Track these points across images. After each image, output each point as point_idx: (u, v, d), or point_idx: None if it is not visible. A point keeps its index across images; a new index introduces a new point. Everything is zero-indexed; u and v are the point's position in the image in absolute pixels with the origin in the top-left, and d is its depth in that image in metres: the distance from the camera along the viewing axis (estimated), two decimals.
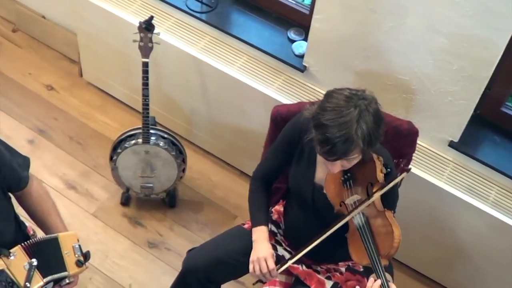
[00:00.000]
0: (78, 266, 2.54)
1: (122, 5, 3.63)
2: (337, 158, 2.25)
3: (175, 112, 3.86)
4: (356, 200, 2.44)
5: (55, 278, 2.46)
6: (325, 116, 2.20)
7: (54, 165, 3.89)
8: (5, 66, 4.40)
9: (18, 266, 2.38)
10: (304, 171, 2.58)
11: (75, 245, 2.57)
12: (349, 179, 2.45)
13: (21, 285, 2.35)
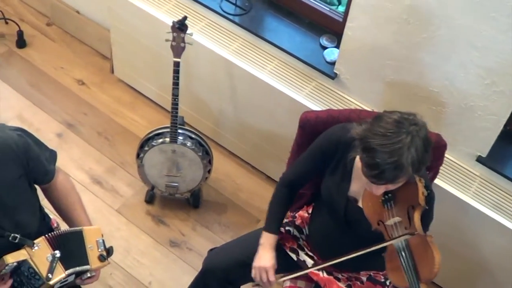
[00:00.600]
0: (101, 261, 2.56)
1: (156, 4, 3.67)
2: (385, 183, 2.24)
3: (204, 112, 3.88)
4: (398, 222, 2.41)
5: (77, 271, 2.49)
6: (376, 140, 2.17)
7: (81, 159, 3.95)
8: (38, 59, 4.47)
9: (41, 257, 2.41)
10: (338, 183, 2.56)
11: (99, 239, 2.59)
12: (390, 199, 2.41)
13: (43, 276, 2.38)
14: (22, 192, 2.49)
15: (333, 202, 2.60)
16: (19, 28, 4.52)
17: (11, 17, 4.64)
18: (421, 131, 2.20)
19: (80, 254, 2.53)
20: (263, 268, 2.63)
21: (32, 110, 4.18)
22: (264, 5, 3.56)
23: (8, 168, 2.38)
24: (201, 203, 3.78)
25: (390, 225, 2.43)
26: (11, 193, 2.41)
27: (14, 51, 4.52)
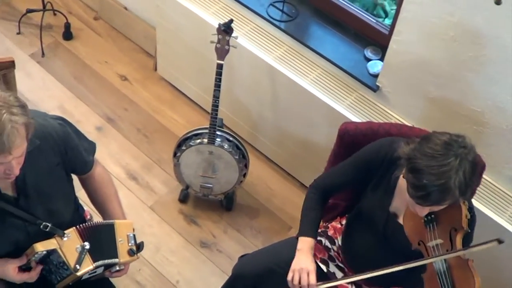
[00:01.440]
0: (130, 255, 2.59)
1: (204, 5, 3.71)
2: (430, 205, 2.24)
3: (243, 116, 3.91)
4: (439, 244, 2.40)
5: (105, 263, 2.52)
6: (423, 161, 2.16)
7: (118, 154, 4.01)
8: (83, 52, 4.55)
9: (71, 248, 2.45)
10: (380, 198, 2.56)
11: (130, 234, 2.62)
12: (433, 221, 2.40)
13: (71, 266, 2.43)
14: (58, 180, 2.54)
15: (373, 215, 2.60)
16: (66, 20, 4.61)
17: (59, 9, 4.72)
18: (469, 154, 2.19)
19: (109, 247, 2.56)
20: (305, 269, 2.56)
21: (74, 102, 4.25)
22: (311, 13, 3.57)
23: (46, 156, 2.43)
24: (234, 206, 3.81)
25: (431, 247, 2.42)
26: (48, 180, 2.47)
27: (61, 42, 4.61)
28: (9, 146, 2.10)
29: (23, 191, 2.41)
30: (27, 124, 2.15)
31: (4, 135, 2.07)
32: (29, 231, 2.47)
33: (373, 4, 3.76)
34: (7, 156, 2.13)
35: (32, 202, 2.45)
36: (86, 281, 2.61)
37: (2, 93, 2.14)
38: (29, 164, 2.30)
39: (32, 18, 4.71)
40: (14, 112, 2.10)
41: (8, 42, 4.58)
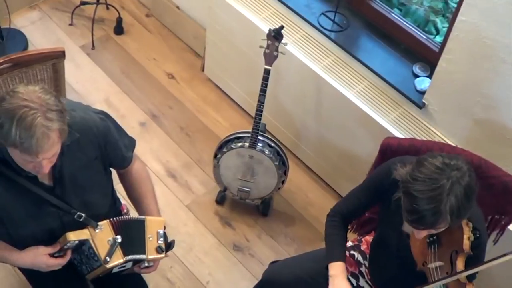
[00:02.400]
0: (158, 252, 2.61)
1: (256, 9, 3.74)
2: (424, 228, 2.23)
3: (286, 123, 3.94)
4: (438, 267, 2.39)
5: (134, 258, 2.55)
6: (415, 186, 2.16)
7: (159, 151, 4.06)
8: (132, 48, 4.62)
9: (102, 240, 2.49)
10: (392, 216, 2.55)
11: (160, 231, 2.64)
12: (434, 242, 2.40)
13: (101, 258, 2.46)
14: (96, 173, 2.58)
15: (386, 235, 2.61)
16: (119, 15, 4.69)
17: (113, 3, 4.81)
18: (463, 177, 2.16)
19: (138, 243, 2.59)
20: None
21: (120, 96, 4.33)
22: (362, 25, 3.58)
23: (86, 149, 2.47)
24: (270, 212, 3.82)
25: (432, 268, 2.41)
26: (85, 173, 2.51)
27: (111, 36, 4.70)
28: (37, 150, 2.12)
29: (59, 181, 2.45)
30: (61, 130, 2.17)
31: (33, 138, 2.09)
32: (63, 220, 2.52)
33: (425, 20, 3.76)
34: (35, 158, 2.16)
35: (67, 192, 2.49)
36: (117, 275, 2.66)
37: (42, 95, 2.15)
38: (67, 155, 2.35)
39: (85, 10, 4.81)
40: (49, 117, 2.11)
41: (60, 33, 4.68)
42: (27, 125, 2.08)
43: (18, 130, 2.08)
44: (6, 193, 2.38)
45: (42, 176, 2.41)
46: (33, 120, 2.08)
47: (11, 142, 2.11)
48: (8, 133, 2.09)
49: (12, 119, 2.08)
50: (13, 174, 2.34)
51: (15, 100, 2.11)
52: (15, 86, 2.19)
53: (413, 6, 3.80)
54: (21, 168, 2.31)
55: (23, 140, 2.08)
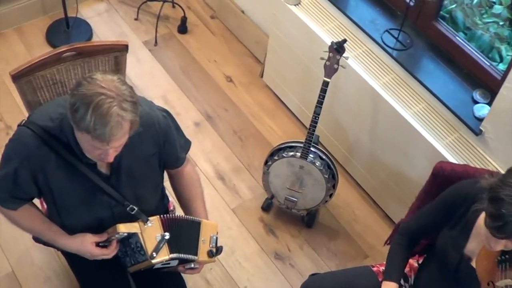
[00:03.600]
0: (209, 256, 2.65)
1: (320, 20, 3.76)
2: (505, 237, 2.21)
3: (339, 137, 3.94)
4: (509, 285, 2.38)
5: (182, 257, 2.58)
6: (505, 191, 2.14)
7: (211, 152, 4.11)
8: (194, 48, 4.69)
9: (151, 235, 2.52)
10: (455, 238, 2.54)
11: (213, 236, 2.68)
12: (506, 261, 2.38)
13: (148, 253, 2.49)
14: (151, 169, 2.63)
15: (446, 256, 2.59)
16: (184, 14, 4.76)
17: (179, 2, 4.88)
18: None
19: (190, 243, 2.62)
20: None
21: (177, 94, 4.39)
22: (425, 46, 3.57)
23: (146, 144, 2.52)
24: (314, 224, 3.83)
25: (500, 287, 2.40)
26: (142, 167, 2.57)
27: (175, 34, 4.77)
28: (109, 138, 2.17)
29: (116, 171, 2.51)
30: (133, 121, 2.21)
31: (108, 126, 2.14)
32: (114, 211, 2.58)
33: (489, 47, 3.73)
34: (105, 145, 2.21)
35: (122, 183, 2.54)
36: (157, 271, 2.70)
37: (119, 85, 2.20)
38: (127, 147, 2.39)
39: (151, 6, 4.89)
40: (124, 107, 2.16)
41: (125, 27, 4.78)
42: (103, 112, 2.12)
43: (93, 116, 2.12)
44: (64, 177, 2.44)
45: (100, 164, 2.47)
46: (109, 108, 2.13)
47: (84, 127, 2.15)
48: (83, 118, 2.13)
49: (88, 105, 2.12)
50: (74, 159, 2.40)
51: (92, 86, 2.16)
52: (92, 73, 2.24)
53: (478, 31, 3.78)
54: (82, 154, 2.37)
55: (97, 126, 2.13)
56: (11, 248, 3.58)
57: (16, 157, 2.42)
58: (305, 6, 3.82)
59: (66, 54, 2.94)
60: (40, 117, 2.44)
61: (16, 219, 2.63)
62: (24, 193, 2.53)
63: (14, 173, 2.43)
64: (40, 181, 2.47)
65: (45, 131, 2.38)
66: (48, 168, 2.43)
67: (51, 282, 3.49)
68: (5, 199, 2.55)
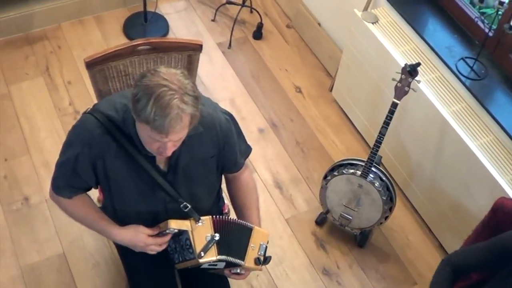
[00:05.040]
0: (255, 263, 2.66)
1: (396, 41, 3.75)
2: None
3: (402, 160, 3.92)
4: None
5: (229, 260, 2.59)
6: None
7: (272, 160, 4.14)
8: (267, 55, 4.73)
9: (201, 234, 2.55)
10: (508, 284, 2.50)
11: (263, 244, 2.69)
12: None
13: (196, 251, 2.51)
14: (208, 170, 2.66)
15: None
16: (261, 20, 4.81)
17: (257, 8, 4.94)
18: None
19: (239, 248, 2.63)
20: None
21: (245, 99, 4.44)
22: (500, 78, 3.52)
23: (205, 145, 2.55)
24: (366, 244, 3.81)
25: None
26: (198, 167, 2.60)
27: (249, 39, 4.82)
28: (168, 130, 2.19)
29: (173, 168, 2.54)
30: (193, 115, 2.23)
31: (167, 118, 2.17)
32: (168, 207, 2.62)
33: None
34: (163, 137, 2.24)
35: (178, 181, 2.58)
36: (204, 271, 2.72)
37: (182, 79, 2.23)
38: (186, 146, 2.43)
39: (229, 9, 4.96)
40: (185, 100, 2.18)
41: (201, 26, 4.85)
42: (163, 104, 2.16)
43: (154, 107, 2.15)
44: (123, 167, 2.50)
45: (159, 160, 2.51)
46: (170, 100, 2.16)
47: (144, 117, 2.18)
48: (144, 108, 2.17)
49: (150, 96, 2.16)
50: (134, 151, 2.45)
51: (156, 78, 2.20)
52: (157, 66, 2.30)
53: None
54: (142, 147, 2.42)
55: (157, 117, 2.16)
56: (65, 230, 3.68)
57: (78, 144, 2.47)
58: (383, 25, 3.82)
59: (141, 47, 3.01)
60: (105, 106, 2.49)
61: (69, 208, 2.69)
62: (81, 181, 2.58)
63: (75, 159, 2.49)
64: (99, 169, 2.52)
65: (109, 120, 2.44)
66: (108, 157, 2.48)
67: (99, 268, 3.58)
68: (61, 186, 2.62)
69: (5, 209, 3.75)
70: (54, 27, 4.76)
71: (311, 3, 4.74)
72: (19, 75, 4.44)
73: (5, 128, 4.14)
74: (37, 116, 4.22)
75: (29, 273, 3.52)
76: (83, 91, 4.35)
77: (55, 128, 4.14)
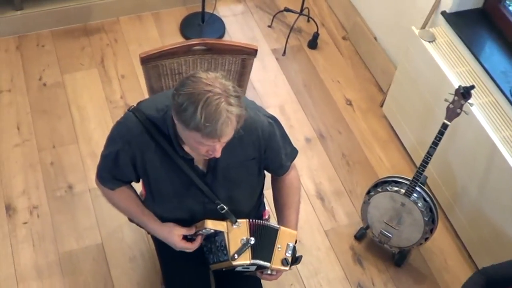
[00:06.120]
0: (282, 264, 2.65)
1: (452, 62, 3.72)
2: None
3: (447, 182, 3.89)
4: None
5: (259, 264, 2.60)
6: None
7: (316, 170, 4.14)
8: (320, 65, 4.74)
9: (236, 237, 2.56)
10: None
11: (290, 244, 2.68)
12: None
13: (230, 254, 2.53)
14: (248, 173, 2.67)
15: None
16: (317, 30, 4.83)
17: (315, 17, 4.95)
18: None
19: (267, 250, 2.64)
20: None
21: (294, 107, 4.45)
22: None
23: (246, 147, 2.57)
24: (404, 263, 3.79)
25: None
26: (239, 170, 2.61)
27: (304, 48, 4.84)
28: (220, 134, 2.21)
29: (212, 170, 2.57)
30: (239, 115, 2.24)
31: (218, 123, 2.18)
32: (206, 207, 2.64)
33: None
34: (216, 141, 2.26)
35: (217, 182, 2.60)
36: (239, 273, 2.73)
37: (223, 81, 2.24)
38: (227, 148, 2.43)
39: (286, 17, 4.98)
40: (231, 102, 2.19)
41: (257, 31, 4.89)
42: (212, 110, 2.17)
43: (203, 114, 2.16)
44: (161, 167, 2.54)
45: (198, 160, 2.54)
46: (218, 105, 2.17)
47: (194, 126, 2.19)
48: (193, 117, 2.17)
49: (197, 104, 2.17)
50: (172, 152, 2.49)
51: (198, 85, 2.21)
52: (195, 72, 2.29)
53: None
54: (180, 148, 2.46)
55: (208, 124, 2.17)
56: (105, 221, 3.75)
57: (120, 140, 2.54)
58: (440, 44, 3.80)
59: (196, 47, 3.04)
60: (147, 106, 2.54)
61: (112, 199, 2.76)
62: (122, 175, 2.65)
63: (116, 154, 2.55)
64: (138, 166, 2.57)
65: (149, 120, 2.48)
66: (147, 155, 2.53)
67: (135, 262, 3.63)
68: (106, 178, 2.69)
69: (49, 195, 3.83)
70: (113, 20, 4.84)
71: (369, 16, 4.74)
72: (74, 65, 4.53)
73: (56, 115, 4.22)
74: (88, 106, 4.30)
75: (66, 260, 3.59)
76: (135, 85, 4.42)
77: (104, 119, 4.22)
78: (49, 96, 4.33)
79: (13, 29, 4.65)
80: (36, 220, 3.73)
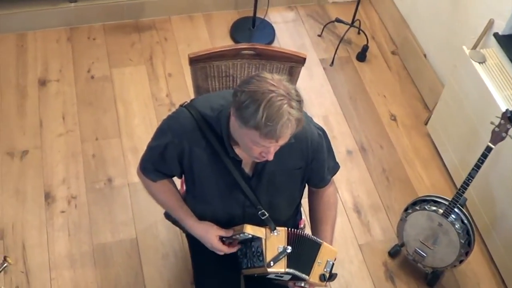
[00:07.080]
0: (320, 280, 2.66)
1: (501, 85, 3.68)
2: None
3: (487, 206, 3.85)
4: None
5: (295, 274, 2.60)
6: None
7: (355, 183, 4.14)
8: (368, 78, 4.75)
9: (274, 244, 2.56)
10: None
11: (330, 261, 2.68)
12: None
13: (266, 260, 2.53)
14: (292, 182, 2.69)
15: None
16: (367, 43, 4.82)
17: (365, 30, 4.94)
18: None
19: (306, 262, 2.64)
20: None
21: (338, 119, 4.45)
22: None
23: (294, 156, 2.58)
24: (436, 285, 3.75)
25: None
26: (284, 177, 2.63)
27: (352, 60, 4.83)
28: (279, 135, 2.22)
29: (258, 174, 2.58)
30: (299, 120, 2.24)
31: (279, 124, 2.18)
32: (246, 211, 2.66)
33: None
34: (272, 142, 2.27)
35: (261, 187, 2.61)
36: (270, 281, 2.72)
37: (287, 84, 2.25)
38: (276, 154, 2.43)
39: (337, 27, 4.99)
40: (293, 106, 2.20)
41: (307, 40, 4.90)
42: (274, 110, 2.17)
43: (265, 113, 2.17)
44: (208, 166, 2.55)
45: (245, 163, 2.55)
46: (281, 106, 2.18)
47: (253, 124, 2.20)
48: (254, 114, 2.18)
49: (260, 102, 2.18)
50: (221, 151, 2.50)
51: (263, 84, 2.22)
52: (260, 72, 2.32)
53: None
54: (231, 148, 2.48)
55: (268, 123, 2.18)
56: (142, 217, 3.79)
57: (170, 134, 2.55)
58: (490, 66, 3.76)
59: (245, 52, 3.06)
60: (202, 103, 2.56)
61: (152, 190, 2.79)
62: (167, 168, 2.67)
63: (164, 147, 2.57)
64: (185, 161, 2.59)
65: (202, 117, 2.50)
66: (196, 152, 2.54)
67: (167, 259, 3.66)
68: (149, 169, 2.71)
69: (88, 186, 3.89)
70: (164, 18, 4.90)
71: (420, 32, 4.71)
72: (123, 60, 4.59)
73: (102, 108, 4.28)
74: (133, 102, 4.35)
75: (100, 251, 3.64)
76: (181, 85, 4.46)
77: (148, 116, 4.26)
78: (96, 88, 4.40)
79: (65, 20, 4.73)
80: (74, 210, 3.78)
